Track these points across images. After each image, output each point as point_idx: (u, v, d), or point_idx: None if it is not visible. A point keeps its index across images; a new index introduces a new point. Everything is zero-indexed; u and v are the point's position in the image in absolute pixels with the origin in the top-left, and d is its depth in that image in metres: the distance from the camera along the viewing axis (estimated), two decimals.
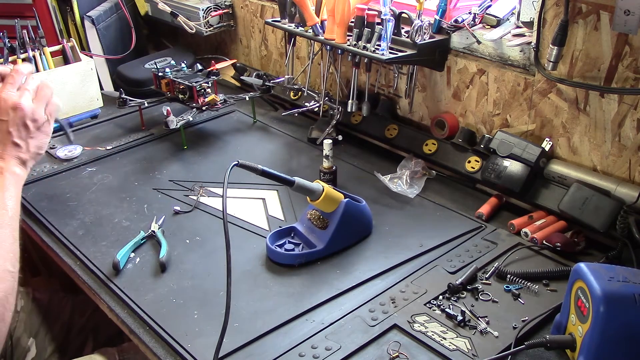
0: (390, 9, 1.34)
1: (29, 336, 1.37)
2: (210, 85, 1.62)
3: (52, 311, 1.44)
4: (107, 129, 1.72)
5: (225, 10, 1.96)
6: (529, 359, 0.95)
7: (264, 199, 1.37)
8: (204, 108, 1.60)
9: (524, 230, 1.23)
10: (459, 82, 1.44)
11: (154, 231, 1.25)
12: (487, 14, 1.38)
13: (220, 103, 1.62)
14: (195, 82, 1.59)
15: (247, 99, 1.69)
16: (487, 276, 1.12)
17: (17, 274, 1.03)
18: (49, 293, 1.47)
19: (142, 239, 1.24)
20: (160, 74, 1.65)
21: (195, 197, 1.38)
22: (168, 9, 1.93)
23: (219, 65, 1.71)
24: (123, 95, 1.64)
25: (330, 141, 1.35)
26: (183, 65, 1.69)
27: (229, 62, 1.84)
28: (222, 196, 0.98)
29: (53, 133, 1.65)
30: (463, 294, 1.08)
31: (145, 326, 1.03)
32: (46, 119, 1.20)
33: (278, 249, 1.18)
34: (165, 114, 1.54)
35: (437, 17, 1.40)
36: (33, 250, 1.91)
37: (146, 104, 1.66)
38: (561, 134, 1.28)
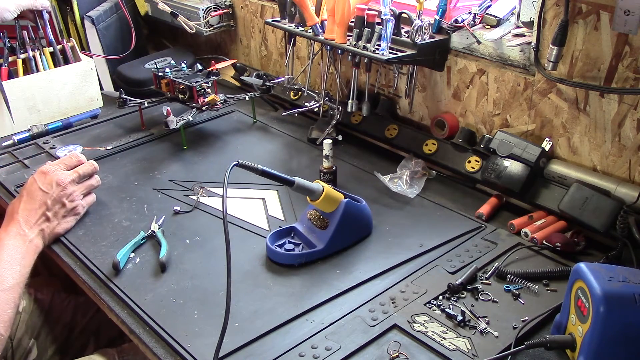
0: (390, 9, 1.34)
1: (30, 337, 1.37)
2: (210, 85, 1.62)
3: (54, 312, 1.44)
4: (107, 129, 1.72)
5: (225, 10, 1.96)
6: (529, 359, 0.95)
7: (264, 199, 1.37)
8: (204, 108, 1.60)
9: (524, 230, 1.23)
10: (459, 82, 1.44)
11: (153, 231, 1.25)
12: (487, 14, 1.38)
13: (220, 103, 1.62)
14: (195, 82, 1.59)
15: (247, 99, 1.69)
16: (487, 276, 1.12)
17: (5, 339, 1.07)
18: (51, 294, 1.47)
19: (142, 239, 1.24)
20: (160, 74, 1.65)
21: (195, 197, 1.38)
22: (168, 9, 1.93)
23: (219, 65, 1.71)
24: (123, 95, 1.64)
25: (330, 141, 1.35)
26: (183, 65, 1.69)
27: (229, 62, 1.84)
28: (222, 196, 0.98)
29: (53, 133, 1.68)
30: (463, 294, 1.08)
31: (145, 326, 1.03)
32: (81, 206, 1.29)
33: (278, 249, 1.18)
34: (165, 114, 1.54)
35: (437, 17, 1.40)
36: None
37: (146, 104, 1.66)
38: (561, 134, 1.28)
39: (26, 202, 1.21)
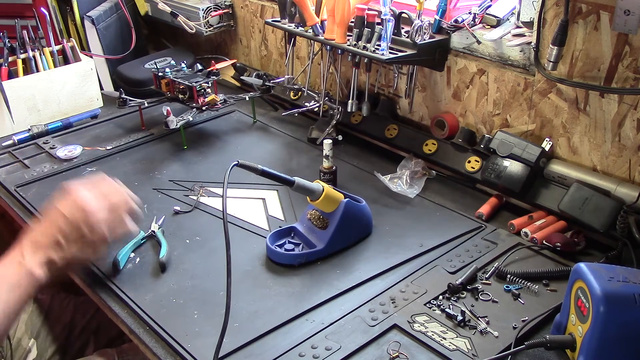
0: (390, 9, 1.34)
1: (30, 337, 1.37)
2: (210, 85, 1.62)
3: (54, 312, 1.44)
4: (107, 129, 1.72)
5: (225, 10, 1.96)
6: (529, 359, 0.95)
7: (264, 199, 1.37)
8: (204, 108, 1.60)
9: (524, 230, 1.23)
10: (459, 82, 1.44)
11: (153, 231, 1.25)
12: (487, 14, 1.38)
13: (220, 103, 1.62)
14: (195, 82, 1.59)
15: (247, 99, 1.69)
16: (487, 276, 1.12)
17: None
18: (51, 294, 1.47)
19: (142, 239, 1.24)
20: (160, 74, 1.65)
21: (195, 197, 1.38)
22: (168, 9, 1.93)
23: (219, 65, 1.71)
24: (123, 95, 1.64)
25: (330, 141, 1.35)
26: (183, 65, 1.69)
27: (229, 62, 1.84)
28: (222, 196, 0.98)
29: (53, 133, 1.68)
30: (463, 294, 1.08)
31: (145, 326, 1.03)
32: (104, 237, 1.05)
33: (278, 249, 1.18)
34: (165, 114, 1.54)
35: (437, 17, 1.40)
36: None
37: (146, 104, 1.66)
38: (561, 134, 1.28)
39: (39, 222, 1.04)
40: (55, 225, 1.02)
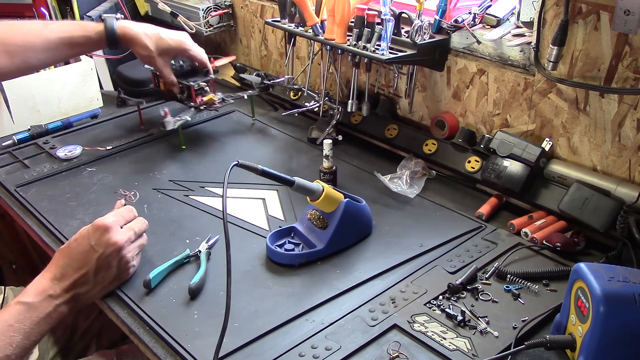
0: (390, 9, 1.34)
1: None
2: (208, 84, 1.62)
3: None
4: (107, 129, 1.72)
5: (225, 10, 1.96)
6: (529, 359, 0.95)
7: (264, 199, 1.37)
8: (202, 107, 1.60)
9: (524, 230, 1.23)
10: (459, 82, 1.44)
11: (199, 251, 1.18)
12: (487, 14, 1.38)
13: (218, 102, 1.62)
14: (193, 82, 1.59)
15: (246, 97, 1.69)
16: (487, 276, 1.12)
17: None
18: None
19: (185, 258, 1.17)
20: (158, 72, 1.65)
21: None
22: (168, 9, 1.93)
23: (218, 63, 1.70)
24: (122, 95, 1.63)
25: (330, 141, 1.35)
26: (182, 63, 1.68)
27: (228, 59, 1.83)
28: (222, 196, 0.98)
29: (53, 132, 1.68)
30: (463, 294, 1.08)
31: (145, 326, 1.03)
32: (132, 267, 1.11)
33: (278, 249, 1.18)
34: (162, 114, 1.54)
35: (437, 17, 1.40)
36: (33, 250, 1.92)
37: (144, 103, 1.66)
38: (561, 134, 1.28)
39: (69, 256, 1.04)
40: (86, 261, 1.04)
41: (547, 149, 1.28)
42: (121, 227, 1.09)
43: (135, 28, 1.52)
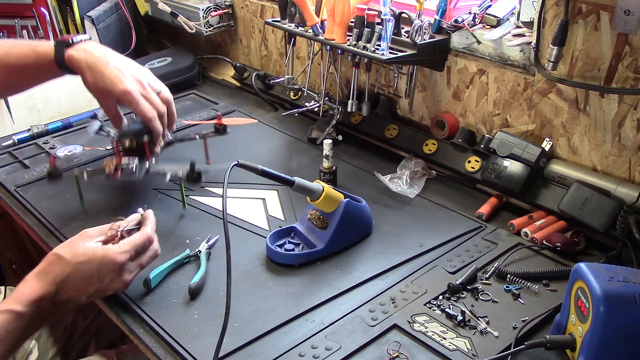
0: (390, 9, 1.34)
1: (31, 339, 1.37)
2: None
3: None
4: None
5: (225, 10, 1.96)
6: (529, 359, 0.95)
7: (264, 199, 1.37)
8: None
9: (524, 230, 1.23)
10: (459, 82, 1.44)
11: (199, 251, 1.18)
12: (487, 14, 1.38)
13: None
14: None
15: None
16: (487, 276, 1.12)
17: None
18: None
19: (185, 258, 1.16)
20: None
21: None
22: (168, 9, 1.93)
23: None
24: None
25: (330, 141, 1.35)
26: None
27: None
28: (222, 196, 0.98)
29: (53, 133, 1.68)
30: (463, 294, 1.08)
31: (145, 326, 1.03)
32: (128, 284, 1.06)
33: (278, 249, 1.18)
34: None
35: (437, 17, 1.40)
36: (33, 251, 1.91)
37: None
38: (561, 134, 1.28)
39: (70, 275, 0.99)
40: (90, 287, 1.00)
41: (547, 149, 1.28)
42: (132, 260, 1.04)
43: (82, 58, 1.26)
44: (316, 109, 1.63)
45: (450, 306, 1.05)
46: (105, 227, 1.07)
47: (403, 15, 1.41)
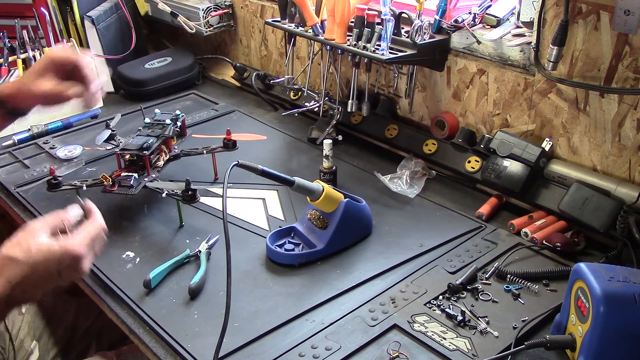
0: (390, 9, 1.34)
1: (32, 339, 1.37)
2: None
3: (56, 314, 1.43)
4: None
5: (225, 10, 1.96)
6: (529, 359, 0.95)
7: (264, 199, 1.37)
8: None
9: (524, 230, 1.23)
10: (459, 82, 1.44)
11: (199, 251, 1.18)
12: (487, 14, 1.38)
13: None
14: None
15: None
16: (487, 276, 1.12)
17: None
18: (53, 295, 1.46)
19: (185, 258, 1.16)
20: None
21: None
22: (168, 9, 1.93)
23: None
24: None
25: (330, 141, 1.35)
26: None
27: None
28: (222, 196, 0.98)
29: (53, 133, 1.67)
30: (463, 294, 1.08)
31: (145, 326, 1.03)
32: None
33: (278, 249, 1.18)
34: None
35: (437, 17, 1.40)
36: None
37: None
38: (561, 134, 1.28)
39: (30, 274, 0.93)
40: (49, 283, 0.95)
41: (547, 149, 1.28)
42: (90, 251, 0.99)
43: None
44: (316, 109, 1.63)
45: (450, 306, 1.05)
46: (49, 219, 1.00)
47: (403, 15, 1.41)
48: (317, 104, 1.62)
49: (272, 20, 1.60)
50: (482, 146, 1.36)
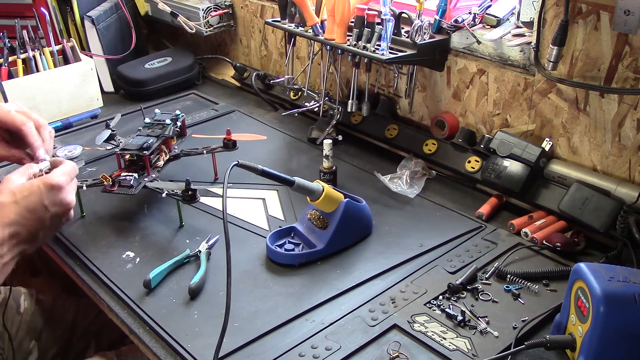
0: (390, 9, 1.34)
1: (32, 339, 1.37)
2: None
3: (56, 313, 1.43)
4: None
5: (225, 10, 1.96)
6: (529, 359, 0.95)
7: (264, 199, 1.37)
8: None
9: (524, 230, 1.23)
10: (459, 82, 1.44)
11: (199, 251, 1.18)
12: (487, 14, 1.38)
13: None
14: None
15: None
16: (487, 276, 1.12)
17: None
18: (53, 295, 1.47)
19: (185, 258, 1.16)
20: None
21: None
22: (168, 9, 1.93)
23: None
24: None
25: (330, 141, 1.35)
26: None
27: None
28: (222, 196, 0.98)
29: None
30: (463, 294, 1.08)
31: (145, 326, 1.03)
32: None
33: (278, 249, 1.18)
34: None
35: (437, 17, 1.40)
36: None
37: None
38: (561, 134, 1.28)
39: (20, 214, 0.98)
40: (39, 220, 1.01)
41: (547, 149, 1.28)
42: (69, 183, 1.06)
43: None
44: (316, 109, 1.63)
45: (450, 306, 1.05)
46: (22, 168, 1.07)
47: (403, 15, 1.41)
48: (317, 104, 1.62)
49: (272, 20, 1.60)
50: (482, 146, 1.36)
